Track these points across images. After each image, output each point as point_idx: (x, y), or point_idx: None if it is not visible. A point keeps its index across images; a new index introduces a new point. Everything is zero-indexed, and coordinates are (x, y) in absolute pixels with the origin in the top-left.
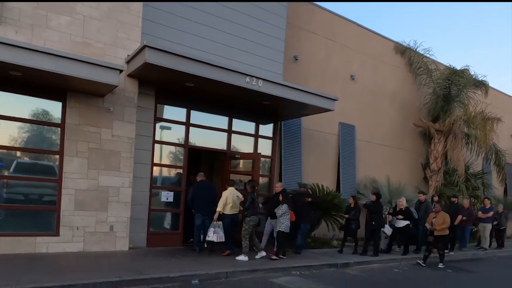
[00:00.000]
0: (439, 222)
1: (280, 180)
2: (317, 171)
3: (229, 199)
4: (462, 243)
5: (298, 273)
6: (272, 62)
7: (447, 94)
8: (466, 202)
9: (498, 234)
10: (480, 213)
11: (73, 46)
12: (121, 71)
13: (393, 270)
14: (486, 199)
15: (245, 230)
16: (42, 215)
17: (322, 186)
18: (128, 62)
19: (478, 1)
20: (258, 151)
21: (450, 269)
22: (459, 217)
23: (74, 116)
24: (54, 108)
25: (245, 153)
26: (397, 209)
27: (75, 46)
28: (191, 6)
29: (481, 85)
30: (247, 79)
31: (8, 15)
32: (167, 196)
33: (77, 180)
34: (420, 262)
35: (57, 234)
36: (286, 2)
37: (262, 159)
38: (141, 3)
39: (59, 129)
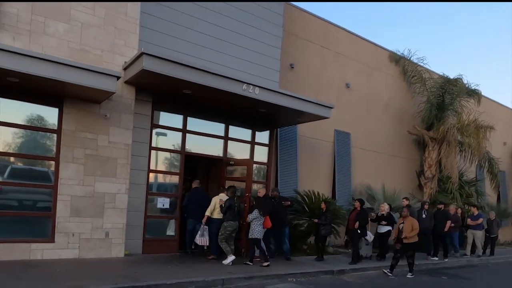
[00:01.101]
0: (407, 228)
1: (276, 186)
2: (313, 178)
3: (217, 205)
4: (454, 249)
5: (294, 280)
6: (268, 70)
7: (441, 103)
8: (452, 208)
9: (489, 242)
10: (469, 220)
11: (71, 53)
12: (118, 77)
13: (389, 276)
14: (473, 207)
15: (221, 235)
16: (37, 222)
17: (318, 193)
18: (125, 68)
19: (474, 0)
20: (254, 158)
21: (445, 276)
22: (448, 223)
23: (71, 122)
24: (50, 114)
25: (239, 159)
26: (379, 215)
27: (73, 52)
28: (188, 13)
29: (474, 93)
30: (244, 86)
31: (6, 21)
32: (163, 202)
33: (73, 186)
34: (386, 272)
35: (52, 240)
36: (283, 11)
37: (259, 166)
38: (138, 10)
39: (55, 135)
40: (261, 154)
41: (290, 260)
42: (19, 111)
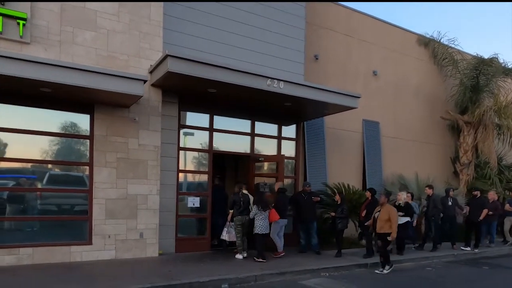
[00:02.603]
0: (382, 217)
1: (305, 180)
2: (342, 170)
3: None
4: (490, 239)
5: (327, 274)
6: (292, 63)
7: (475, 85)
8: (492, 195)
9: None
10: (507, 206)
11: (99, 60)
12: (145, 81)
13: (426, 268)
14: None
15: (234, 230)
16: (75, 225)
17: (348, 185)
18: (151, 72)
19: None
20: (282, 153)
21: (486, 266)
22: (485, 211)
23: (102, 128)
24: (82, 121)
25: (268, 155)
26: (396, 204)
27: (101, 59)
28: (210, 12)
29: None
30: (268, 81)
31: (37, 33)
32: (193, 201)
33: (107, 189)
34: (378, 271)
35: (90, 242)
36: (304, 2)
37: (286, 160)
38: (161, 13)
39: (88, 141)
40: (288, 149)
41: (320, 254)
42: (53, 119)
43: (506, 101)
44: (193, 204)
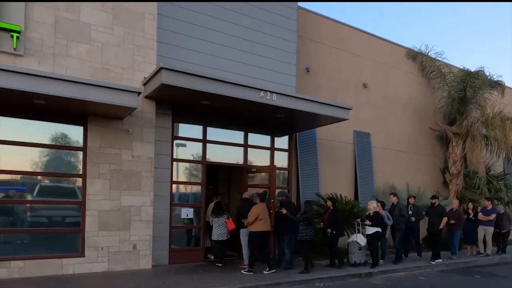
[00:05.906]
0: (250, 216)
1: (298, 191)
2: (335, 181)
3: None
4: (452, 250)
5: (321, 284)
6: (284, 75)
7: (463, 97)
8: (455, 203)
9: (500, 238)
10: (480, 215)
11: (93, 72)
12: (139, 93)
13: (419, 278)
14: (486, 200)
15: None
16: (67, 237)
17: (340, 196)
18: (145, 84)
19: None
20: (274, 164)
21: (478, 275)
22: (444, 219)
23: (96, 139)
24: (76, 133)
25: (261, 166)
26: (367, 214)
27: (95, 72)
28: (203, 26)
29: (497, 85)
30: (261, 93)
31: (31, 46)
32: (187, 212)
33: (100, 201)
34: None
35: (82, 255)
36: (296, 16)
37: (279, 171)
38: (155, 26)
39: (81, 152)
40: (281, 159)
41: (291, 269)
42: (46, 131)
43: (493, 113)
44: (187, 215)
